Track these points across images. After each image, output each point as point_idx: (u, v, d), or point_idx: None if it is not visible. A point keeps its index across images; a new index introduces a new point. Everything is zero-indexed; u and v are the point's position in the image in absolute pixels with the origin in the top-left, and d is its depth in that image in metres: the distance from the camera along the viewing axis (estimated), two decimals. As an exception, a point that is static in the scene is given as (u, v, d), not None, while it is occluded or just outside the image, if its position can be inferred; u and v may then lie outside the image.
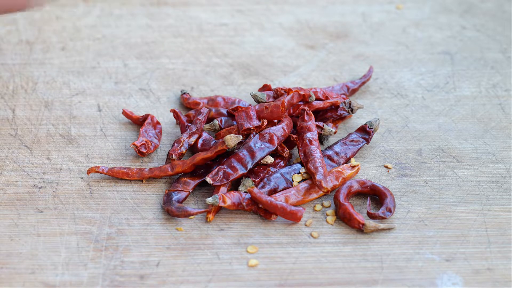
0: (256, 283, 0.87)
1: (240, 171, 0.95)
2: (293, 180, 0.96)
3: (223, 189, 0.95)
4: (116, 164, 0.99)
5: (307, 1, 1.27)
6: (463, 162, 1.01)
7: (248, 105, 1.05)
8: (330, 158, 0.99)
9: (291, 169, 0.97)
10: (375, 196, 0.96)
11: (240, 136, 0.95)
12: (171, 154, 0.97)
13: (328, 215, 0.94)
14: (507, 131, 1.05)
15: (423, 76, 1.13)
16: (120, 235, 0.91)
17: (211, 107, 1.05)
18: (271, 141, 0.96)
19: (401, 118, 1.07)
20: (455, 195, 0.96)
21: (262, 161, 0.96)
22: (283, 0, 1.27)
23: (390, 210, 0.94)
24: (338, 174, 0.97)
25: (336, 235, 0.92)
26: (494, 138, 1.04)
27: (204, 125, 1.00)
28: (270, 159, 0.97)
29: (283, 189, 0.96)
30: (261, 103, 1.01)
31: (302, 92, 1.00)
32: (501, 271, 0.89)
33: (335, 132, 1.01)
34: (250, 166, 0.95)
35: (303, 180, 0.97)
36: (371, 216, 0.93)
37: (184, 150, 0.98)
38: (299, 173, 0.97)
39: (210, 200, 0.92)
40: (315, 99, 1.03)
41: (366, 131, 1.02)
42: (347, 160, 1.00)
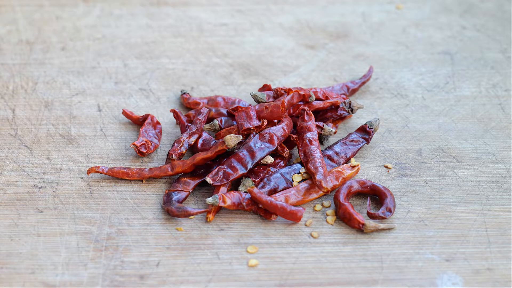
0: (256, 283, 0.87)
1: (240, 171, 0.95)
2: (293, 180, 0.96)
3: (223, 189, 0.95)
4: (116, 164, 0.99)
5: (307, 1, 1.27)
6: (463, 162, 1.01)
7: (248, 105, 1.05)
8: (330, 158, 0.99)
9: (291, 169, 0.97)
10: (375, 196, 0.96)
11: (240, 136, 0.95)
12: (171, 154, 0.97)
13: (328, 215, 0.94)
14: (507, 131, 1.05)
15: (423, 76, 1.13)
16: (120, 235, 0.91)
17: (211, 107, 1.05)
18: (271, 141, 0.96)
19: (401, 118, 1.07)
20: (455, 195, 0.96)
21: (262, 161, 0.96)
22: (283, 0, 1.27)
23: (390, 210, 0.93)
24: (338, 174, 0.97)
25: (336, 235, 0.92)
26: (494, 138, 1.04)
27: (204, 125, 1.00)
28: (270, 159, 0.97)
29: (283, 189, 0.96)
30: (261, 103, 1.01)
31: (302, 92, 1.00)
32: (501, 271, 0.89)
33: (335, 132, 1.01)
34: (250, 166, 0.95)
35: (303, 180, 0.97)
36: (371, 216, 0.93)
37: (184, 150, 0.98)
38: (299, 173, 0.97)
39: (210, 200, 0.92)
40: (315, 99, 1.03)
41: (366, 131, 1.02)
42: (347, 160, 0.99)
